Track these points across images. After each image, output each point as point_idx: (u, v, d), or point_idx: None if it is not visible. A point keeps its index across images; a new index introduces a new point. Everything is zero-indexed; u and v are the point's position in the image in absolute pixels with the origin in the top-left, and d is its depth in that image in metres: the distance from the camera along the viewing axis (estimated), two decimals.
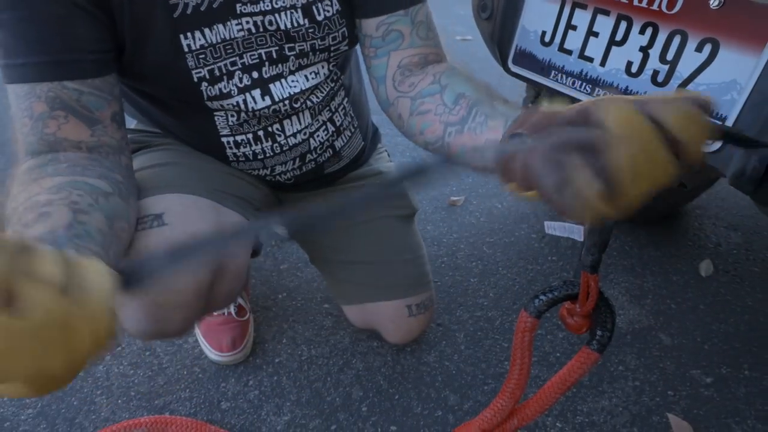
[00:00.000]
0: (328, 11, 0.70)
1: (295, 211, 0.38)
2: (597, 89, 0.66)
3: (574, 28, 0.67)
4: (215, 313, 1.05)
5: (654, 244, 1.48)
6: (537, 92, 1.23)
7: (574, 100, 0.70)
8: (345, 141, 0.89)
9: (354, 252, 0.97)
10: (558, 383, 0.82)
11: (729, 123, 0.55)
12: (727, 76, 0.54)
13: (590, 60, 0.66)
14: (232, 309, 1.06)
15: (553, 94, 0.72)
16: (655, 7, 0.58)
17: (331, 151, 0.87)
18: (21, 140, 0.56)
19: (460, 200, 1.62)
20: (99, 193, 0.54)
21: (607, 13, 0.63)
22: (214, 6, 0.64)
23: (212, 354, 1.03)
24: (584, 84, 0.67)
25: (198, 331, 1.07)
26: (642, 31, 0.60)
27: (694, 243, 1.50)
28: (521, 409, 0.86)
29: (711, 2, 0.54)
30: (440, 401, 1.01)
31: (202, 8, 0.63)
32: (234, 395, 0.99)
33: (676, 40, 0.57)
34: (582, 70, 0.67)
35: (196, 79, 0.68)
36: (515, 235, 1.49)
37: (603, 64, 0.65)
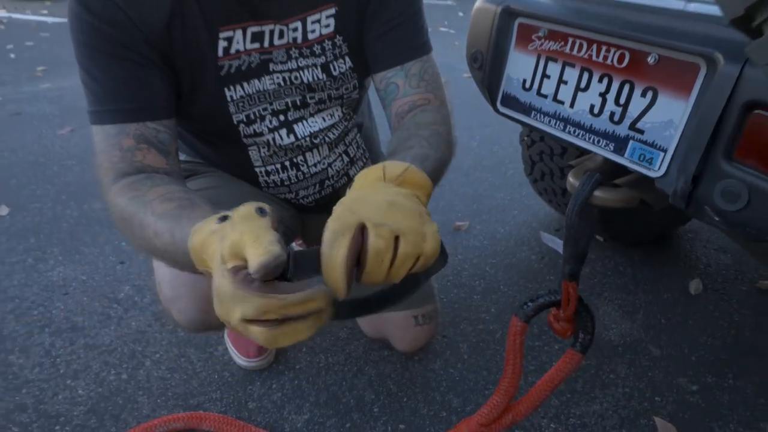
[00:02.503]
0: (342, 68, 0.85)
1: None
2: (568, 126, 0.79)
3: (548, 77, 0.81)
4: None
5: (647, 264, 1.59)
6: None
7: (551, 135, 0.83)
8: (358, 169, 1.03)
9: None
10: (547, 381, 0.93)
11: (669, 153, 0.68)
12: (666, 116, 0.67)
13: (562, 103, 0.80)
14: None
15: (534, 129, 0.86)
16: (608, 62, 0.72)
17: (346, 178, 1.01)
18: (110, 167, 0.71)
19: (464, 225, 1.74)
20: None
21: (573, 65, 0.77)
22: (252, 66, 0.80)
23: (240, 360, 1.16)
24: (558, 122, 0.81)
25: (227, 339, 1.20)
26: (600, 80, 0.74)
27: (684, 263, 1.60)
28: (516, 406, 0.96)
29: (649, 59, 0.67)
30: (445, 404, 1.11)
31: (243, 68, 0.79)
32: (259, 396, 1.11)
33: (626, 87, 0.71)
34: (556, 111, 0.81)
35: (235, 122, 0.83)
36: (516, 256, 1.61)
37: (572, 105, 0.78)
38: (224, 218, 0.53)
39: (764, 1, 0.31)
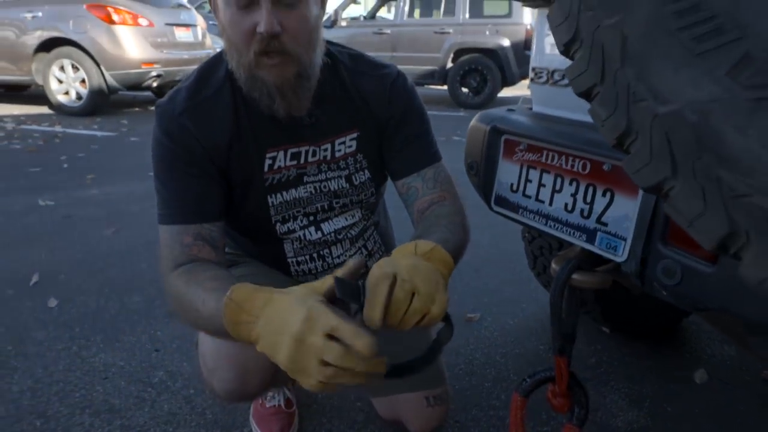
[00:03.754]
0: (362, 178, 1.05)
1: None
2: (549, 221, 0.95)
3: (530, 181, 0.98)
4: (267, 405, 1.27)
5: (652, 354, 1.65)
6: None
7: (535, 229, 0.98)
8: (375, 261, 1.19)
9: (381, 352, 1.21)
10: None
11: (628, 242, 0.82)
12: (622, 211, 0.82)
13: (542, 202, 0.96)
14: (281, 402, 1.28)
15: (522, 224, 1.02)
16: (575, 169, 0.89)
17: (364, 269, 1.16)
18: (171, 259, 0.88)
19: (476, 317, 1.85)
20: None
21: (548, 172, 0.94)
22: (290, 178, 1.00)
23: None
24: (540, 218, 0.96)
25: (252, 421, 1.28)
26: (570, 184, 0.91)
27: (690, 354, 1.66)
28: None
29: (604, 167, 0.84)
30: None
31: (283, 180, 0.99)
32: None
33: (590, 189, 0.87)
34: (538, 209, 0.97)
35: (273, 222, 1.01)
36: (525, 346, 1.69)
37: (551, 204, 0.95)
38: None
39: (627, 133, 0.47)
